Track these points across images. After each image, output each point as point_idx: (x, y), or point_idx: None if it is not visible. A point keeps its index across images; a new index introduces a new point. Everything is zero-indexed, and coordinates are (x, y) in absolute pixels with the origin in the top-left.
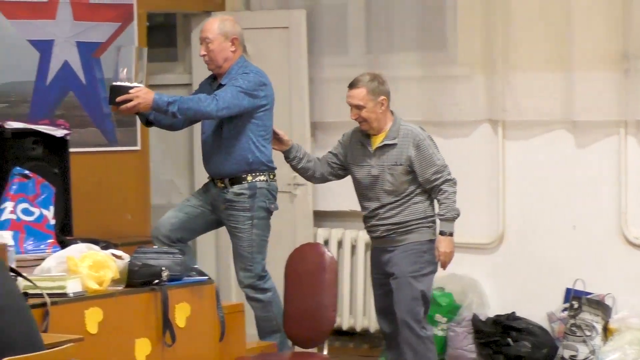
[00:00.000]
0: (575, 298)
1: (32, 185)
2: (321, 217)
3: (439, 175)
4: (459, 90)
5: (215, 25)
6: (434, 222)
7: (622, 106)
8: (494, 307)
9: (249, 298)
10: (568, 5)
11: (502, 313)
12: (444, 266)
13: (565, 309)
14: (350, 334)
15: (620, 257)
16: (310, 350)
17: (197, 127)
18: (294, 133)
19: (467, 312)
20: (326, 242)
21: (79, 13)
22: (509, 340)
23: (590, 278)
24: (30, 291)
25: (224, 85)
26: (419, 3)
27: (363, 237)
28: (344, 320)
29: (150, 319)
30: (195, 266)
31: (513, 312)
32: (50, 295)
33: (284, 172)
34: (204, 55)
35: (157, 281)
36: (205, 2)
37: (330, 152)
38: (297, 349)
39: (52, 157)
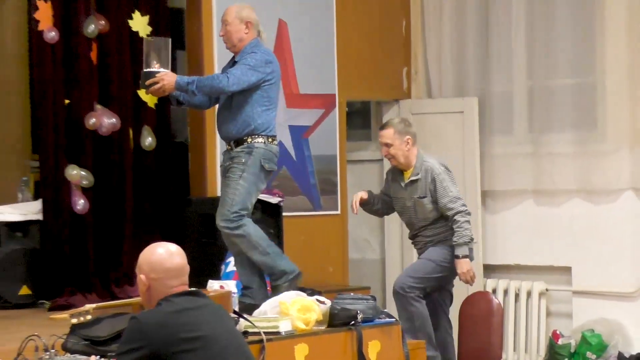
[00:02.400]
0: None
1: None
2: (490, 270)
3: (453, 205)
4: (607, 163)
5: (233, 10)
6: (460, 238)
7: None
8: (637, 346)
9: (224, 235)
10: None
11: None
12: (469, 283)
13: None
14: None
15: None
16: None
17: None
18: (467, 199)
19: (613, 350)
20: (494, 291)
21: (291, 101)
22: None
23: None
24: (250, 330)
25: (237, 62)
26: (574, 88)
27: (525, 287)
28: (509, 356)
29: (347, 353)
30: (385, 310)
31: None
32: (265, 333)
33: None
34: (222, 36)
35: (353, 322)
36: (394, 92)
37: (381, 190)
38: None
39: (268, 220)
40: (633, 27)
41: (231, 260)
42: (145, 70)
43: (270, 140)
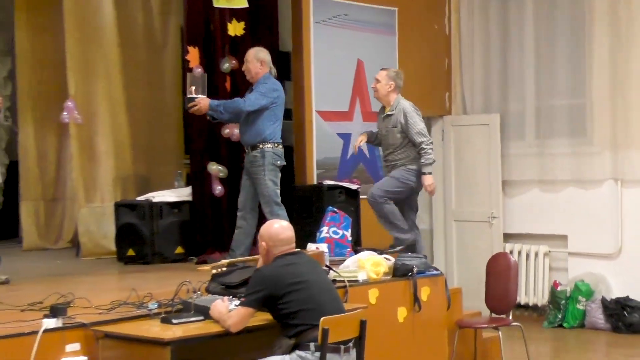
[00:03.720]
0: None
1: (339, 217)
2: (508, 237)
3: (419, 137)
4: (593, 161)
5: (252, 52)
6: (427, 161)
7: None
8: (616, 292)
9: (270, 214)
10: None
11: (621, 296)
12: (431, 194)
13: None
14: (526, 306)
15: None
16: (501, 315)
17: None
18: (491, 187)
19: (598, 295)
20: (511, 252)
21: (366, 117)
22: (625, 312)
23: None
24: (337, 278)
25: (253, 89)
26: (569, 107)
27: (534, 249)
28: (522, 299)
29: (406, 296)
30: (433, 265)
31: (627, 296)
32: (348, 281)
33: (483, 210)
34: (243, 70)
35: (410, 274)
36: (439, 110)
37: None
38: (494, 315)
39: (350, 201)
40: (613, 64)
41: (323, 229)
42: (188, 96)
43: (276, 145)
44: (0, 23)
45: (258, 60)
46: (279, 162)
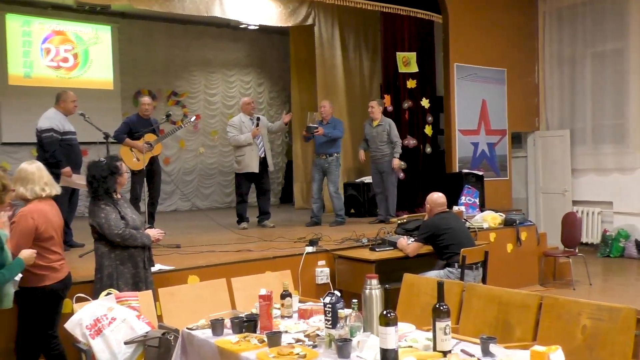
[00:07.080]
0: None
1: (471, 191)
2: (575, 202)
3: (396, 138)
4: (629, 157)
5: (328, 103)
6: (398, 152)
7: None
8: None
9: (332, 196)
10: None
11: None
12: (398, 171)
13: None
14: (586, 244)
15: None
16: (571, 249)
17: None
18: (564, 174)
19: (632, 238)
20: (577, 211)
21: (488, 132)
22: None
23: None
24: (470, 227)
25: (328, 124)
26: (613, 126)
27: (591, 210)
28: (584, 239)
29: (512, 236)
30: (529, 218)
31: None
32: (477, 228)
33: (559, 186)
34: (322, 112)
35: (514, 224)
36: (531, 127)
37: (364, 138)
38: (566, 249)
39: (478, 181)
40: None
41: (462, 197)
42: (310, 125)
43: (340, 154)
44: (284, 86)
45: (331, 107)
46: (340, 163)
